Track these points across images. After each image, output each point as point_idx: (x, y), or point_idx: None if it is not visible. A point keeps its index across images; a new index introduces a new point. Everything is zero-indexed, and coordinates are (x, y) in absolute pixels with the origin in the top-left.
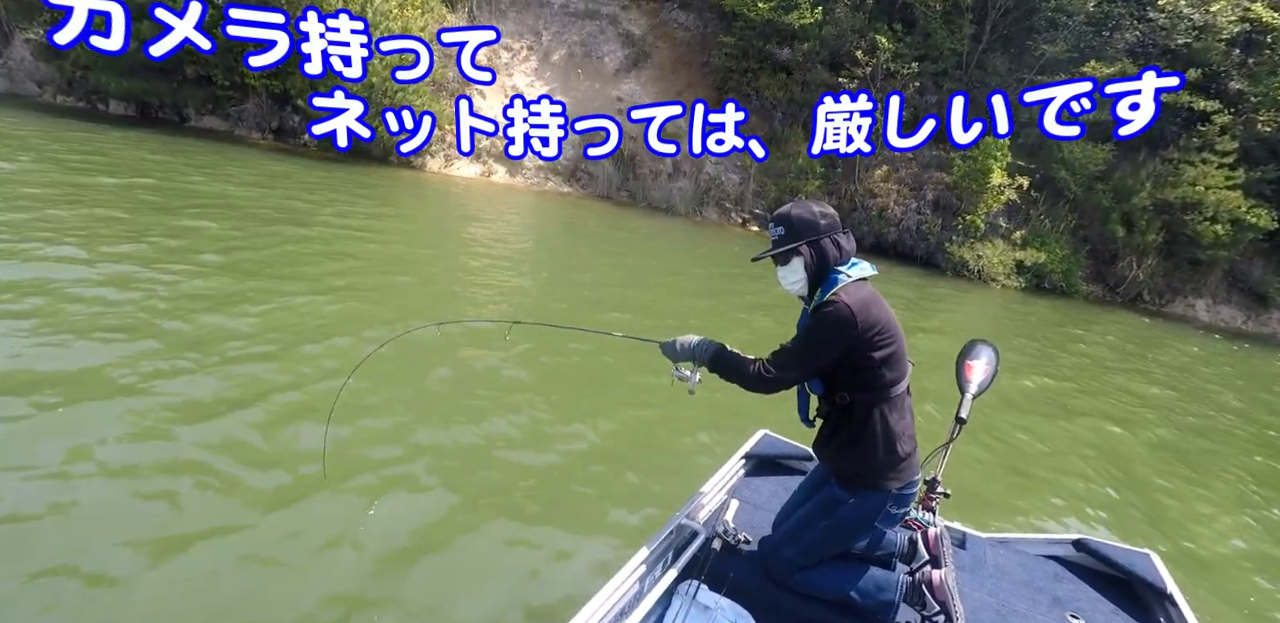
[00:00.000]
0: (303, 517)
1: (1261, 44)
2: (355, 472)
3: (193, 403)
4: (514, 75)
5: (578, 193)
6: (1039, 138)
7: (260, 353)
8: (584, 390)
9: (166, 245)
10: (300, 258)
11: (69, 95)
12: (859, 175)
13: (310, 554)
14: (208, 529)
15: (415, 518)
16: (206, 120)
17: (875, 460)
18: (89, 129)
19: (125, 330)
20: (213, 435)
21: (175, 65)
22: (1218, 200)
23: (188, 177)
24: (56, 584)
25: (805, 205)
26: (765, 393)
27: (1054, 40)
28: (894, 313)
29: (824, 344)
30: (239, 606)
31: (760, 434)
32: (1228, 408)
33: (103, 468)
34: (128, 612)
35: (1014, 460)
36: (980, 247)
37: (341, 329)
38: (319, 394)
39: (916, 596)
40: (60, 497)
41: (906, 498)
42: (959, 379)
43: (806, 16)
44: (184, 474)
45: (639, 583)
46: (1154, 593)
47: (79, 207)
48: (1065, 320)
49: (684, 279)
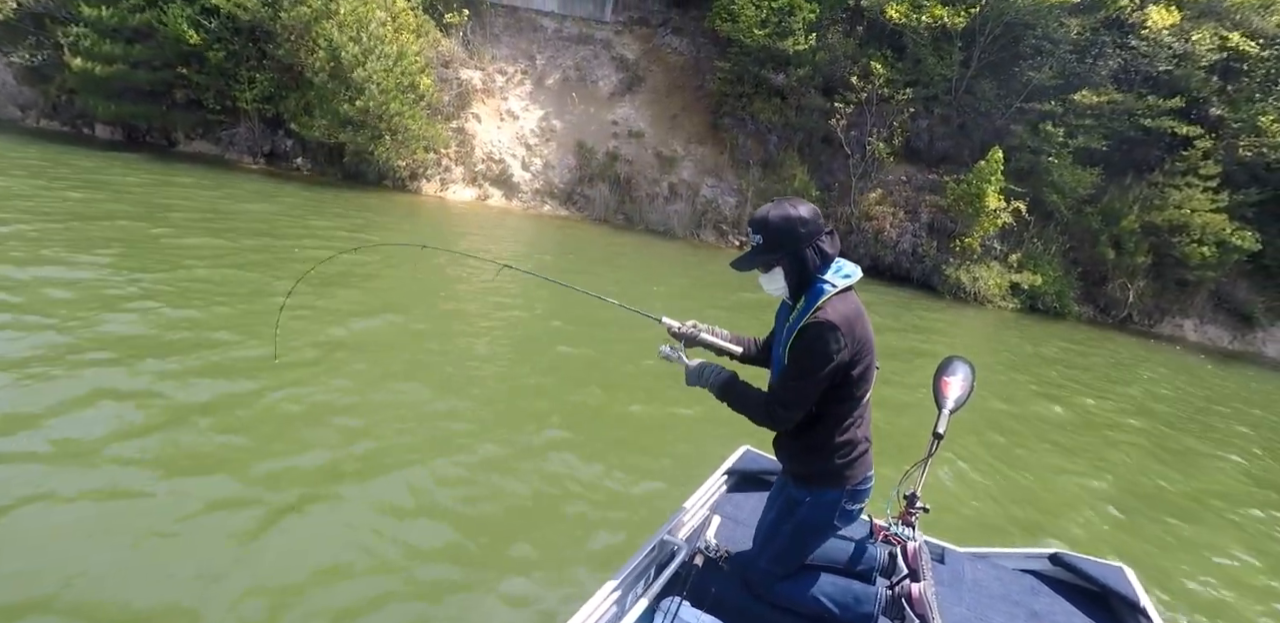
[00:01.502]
0: (300, 530)
1: (1239, 72)
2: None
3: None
4: (509, 99)
5: (574, 216)
6: (1030, 162)
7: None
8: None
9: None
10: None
11: (53, 120)
12: (854, 198)
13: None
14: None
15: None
16: (196, 144)
17: (831, 462)
18: (89, 155)
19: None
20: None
21: (165, 89)
22: (1203, 223)
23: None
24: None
25: (784, 208)
26: (774, 430)
27: (1040, 67)
28: (869, 321)
29: (820, 370)
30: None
31: (742, 450)
32: (1231, 430)
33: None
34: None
35: (1002, 479)
36: (976, 269)
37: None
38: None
39: (895, 609)
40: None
41: (861, 494)
42: (936, 395)
43: (801, 43)
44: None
45: (620, 601)
46: (1127, 606)
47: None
48: (1062, 339)
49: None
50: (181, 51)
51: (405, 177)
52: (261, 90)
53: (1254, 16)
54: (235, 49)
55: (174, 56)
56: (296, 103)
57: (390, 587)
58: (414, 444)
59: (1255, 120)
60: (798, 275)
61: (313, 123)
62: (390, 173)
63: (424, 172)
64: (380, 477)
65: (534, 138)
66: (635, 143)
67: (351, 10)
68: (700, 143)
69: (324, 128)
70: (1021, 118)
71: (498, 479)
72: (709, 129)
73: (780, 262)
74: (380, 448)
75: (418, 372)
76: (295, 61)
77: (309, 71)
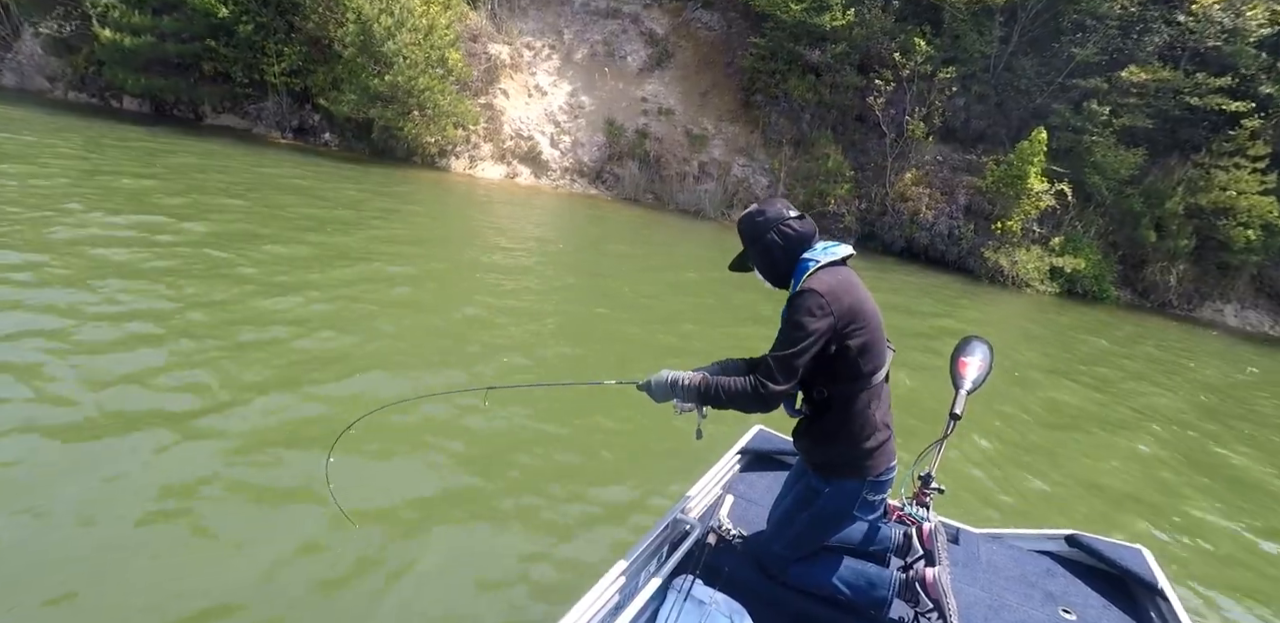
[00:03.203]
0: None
1: None
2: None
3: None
4: (536, 74)
5: (604, 195)
6: (1071, 142)
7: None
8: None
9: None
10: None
11: (81, 91)
12: (889, 179)
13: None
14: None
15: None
16: (223, 118)
17: (850, 450)
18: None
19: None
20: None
21: (193, 62)
22: (1250, 205)
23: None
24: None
25: (750, 208)
26: (765, 411)
27: (1083, 43)
28: (871, 296)
29: (803, 338)
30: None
31: (755, 430)
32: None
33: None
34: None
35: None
36: (1016, 252)
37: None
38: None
39: (910, 592)
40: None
41: (883, 485)
42: (953, 376)
43: (839, 18)
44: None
45: (633, 579)
46: (1145, 588)
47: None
48: (1103, 326)
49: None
50: (210, 24)
51: (434, 153)
52: (289, 64)
53: None
54: (264, 21)
55: (202, 29)
56: (324, 77)
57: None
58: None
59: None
60: (770, 263)
61: (341, 98)
62: (419, 150)
63: (453, 149)
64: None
65: (563, 114)
66: (665, 120)
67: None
68: (731, 121)
69: (352, 103)
70: (1063, 96)
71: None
72: (740, 106)
73: (751, 255)
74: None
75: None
76: (324, 34)
77: (338, 44)
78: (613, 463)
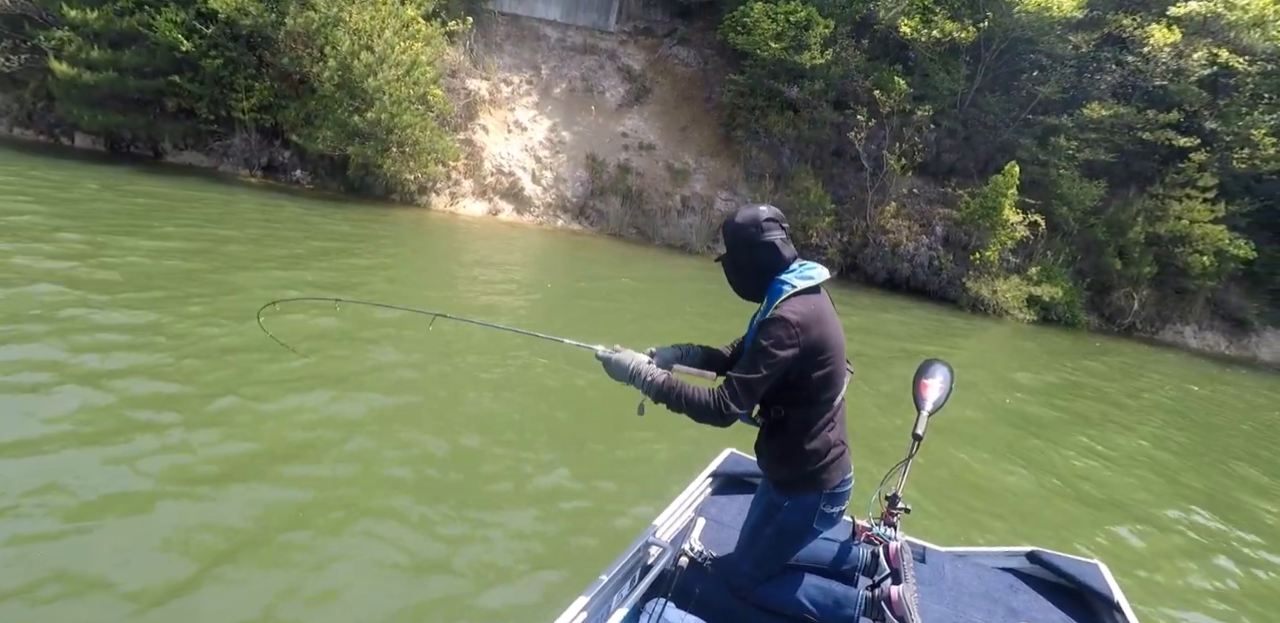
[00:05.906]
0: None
1: (1229, 86)
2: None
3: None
4: (516, 109)
5: (588, 230)
6: (1038, 174)
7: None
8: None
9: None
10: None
11: (28, 128)
12: (869, 212)
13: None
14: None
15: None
16: (186, 155)
17: (806, 467)
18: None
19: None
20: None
21: (154, 97)
22: (1203, 233)
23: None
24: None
25: (742, 214)
26: (721, 427)
27: (1043, 81)
28: (839, 323)
29: (769, 366)
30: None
31: (726, 453)
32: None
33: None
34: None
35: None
36: (995, 282)
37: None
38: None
39: (876, 611)
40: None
41: (839, 497)
42: (915, 397)
43: (817, 57)
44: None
45: (605, 603)
46: (1102, 601)
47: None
48: (1089, 352)
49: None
50: (174, 59)
51: (414, 190)
52: (260, 99)
53: (1244, 33)
54: (233, 56)
55: (166, 64)
56: (297, 113)
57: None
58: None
59: (1247, 133)
60: (742, 279)
61: (316, 134)
62: (399, 187)
63: (433, 185)
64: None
65: (543, 150)
66: (646, 155)
67: (365, 17)
68: (712, 155)
69: (328, 139)
70: (1027, 131)
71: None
72: (720, 141)
73: (727, 264)
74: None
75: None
76: (299, 70)
77: (315, 81)
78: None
